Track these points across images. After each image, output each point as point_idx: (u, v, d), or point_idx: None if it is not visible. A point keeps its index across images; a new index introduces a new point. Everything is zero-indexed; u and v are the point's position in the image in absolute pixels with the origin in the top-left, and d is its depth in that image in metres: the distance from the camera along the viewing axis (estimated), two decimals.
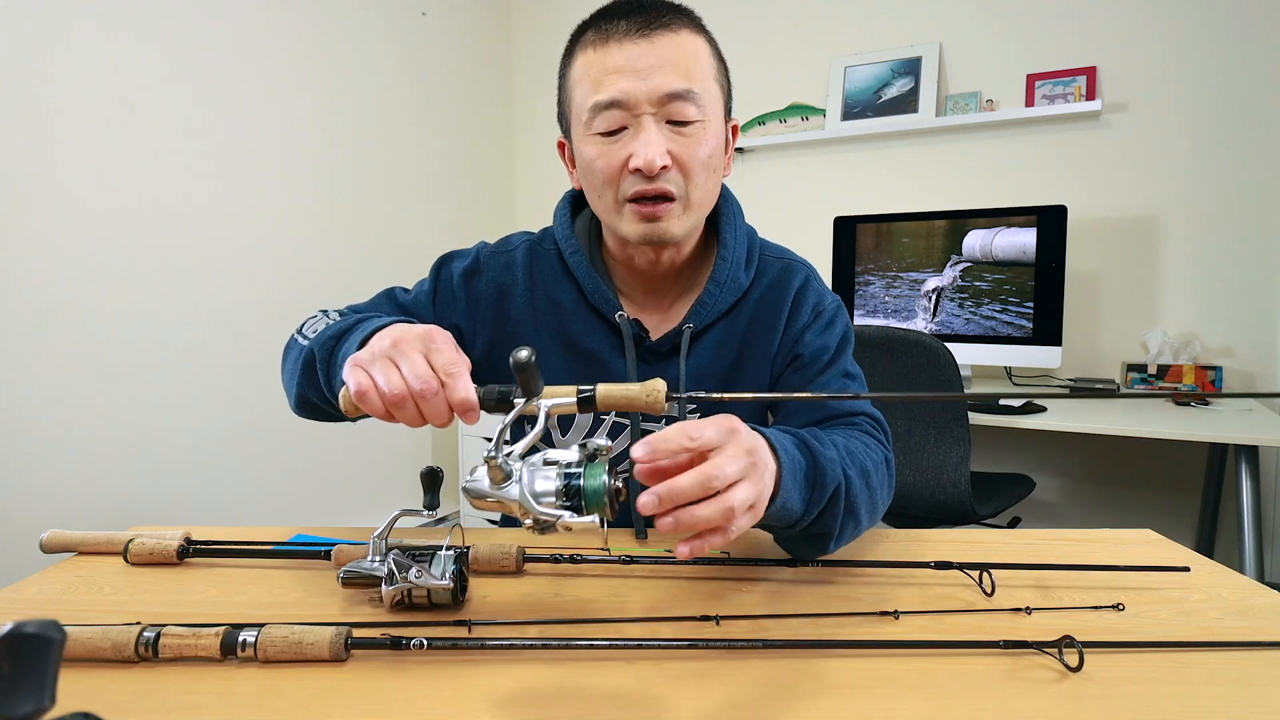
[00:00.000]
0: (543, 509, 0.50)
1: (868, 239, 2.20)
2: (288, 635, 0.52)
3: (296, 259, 2.15)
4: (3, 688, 0.26)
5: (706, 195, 0.74)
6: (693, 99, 0.69)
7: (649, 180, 0.69)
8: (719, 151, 0.73)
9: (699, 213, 0.74)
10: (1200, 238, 2.08)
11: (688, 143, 0.70)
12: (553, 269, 0.82)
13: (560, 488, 0.50)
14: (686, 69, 0.69)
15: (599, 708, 0.48)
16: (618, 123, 0.69)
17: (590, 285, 0.80)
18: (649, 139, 0.68)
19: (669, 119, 0.69)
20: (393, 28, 2.47)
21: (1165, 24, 2.08)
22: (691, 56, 0.70)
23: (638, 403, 0.54)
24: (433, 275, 0.85)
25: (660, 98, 0.68)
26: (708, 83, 0.71)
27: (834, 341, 0.82)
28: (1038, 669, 0.52)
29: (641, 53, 0.68)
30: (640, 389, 0.54)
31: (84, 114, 1.65)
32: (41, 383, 1.60)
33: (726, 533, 0.49)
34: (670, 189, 0.70)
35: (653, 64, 0.68)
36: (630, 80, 0.68)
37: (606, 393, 0.54)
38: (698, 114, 0.69)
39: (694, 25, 0.72)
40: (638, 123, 0.69)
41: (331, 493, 2.28)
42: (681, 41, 0.69)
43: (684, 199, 0.72)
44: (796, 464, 0.59)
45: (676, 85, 0.68)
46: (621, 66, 0.68)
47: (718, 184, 0.77)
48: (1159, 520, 2.14)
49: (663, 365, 0.81)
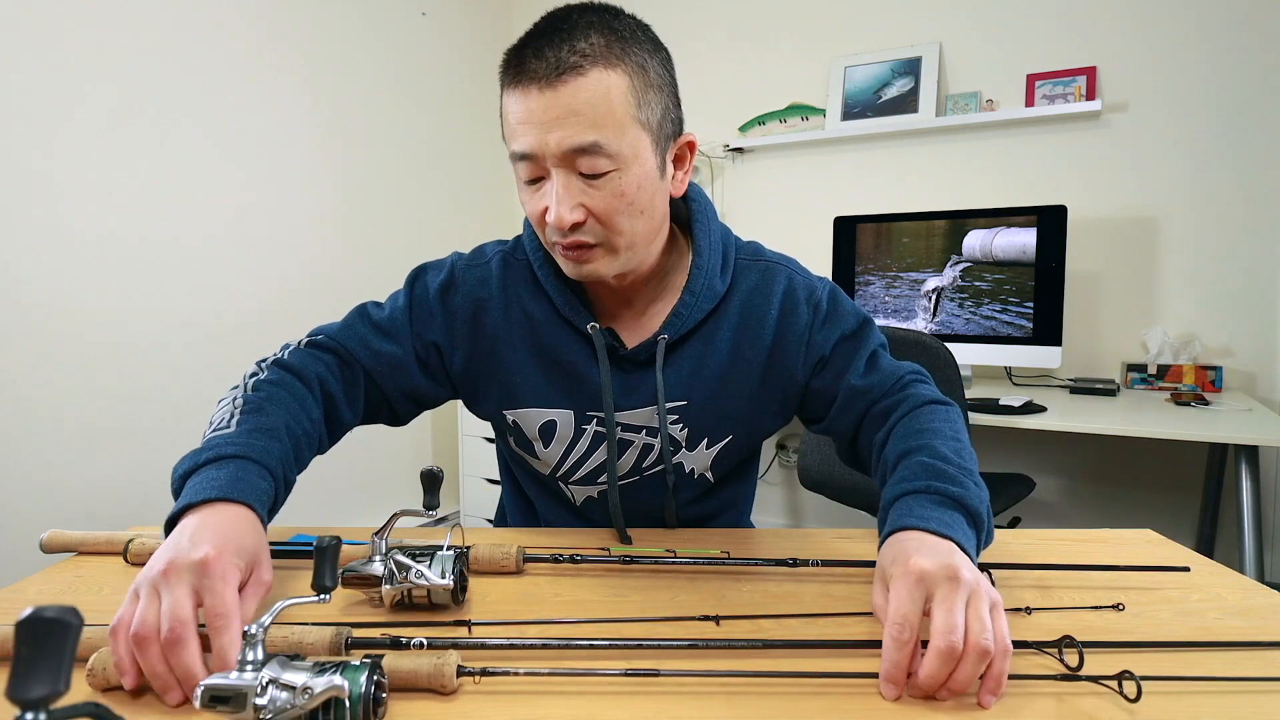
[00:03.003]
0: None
1: (868, 239, 2.20)
2: (288, 635, 0.52)
3: (296, 259, 2.15)
4: (20, 670, 0.26)
5: (638, 235, 0.71)
6: (600, 151, 0.65)
7: (564, 234, 0.68)
8: (646, 193, 0.69)
9: (630, 254, 0.72)
10: (1200, 237, 2.08)
11: (600, 195, 0.67)
12: (525, 281, 0.81)
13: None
14: (594, 118, 0.64)
15: (599, 707, 0.48)
16: (534, 173, 0.68)
17: (560, 298, 0.78)
18: (558, 196, 0.66)
19: (580, 171, 0.66)
20: (392, 28, 2.47)
21: (1165, 24, 2.08)
22: (600, 101, 0.64)
23: (420, 676, 0.49)
24: (407, 290, 0.83)
25: (564, 154, 0.65)
26: (622, 126, 0.65)
27: (850, 325, 0.81)
28: (1038, 669, 0.52)
29: (546, 104, 0.64)
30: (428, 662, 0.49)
31: (84, 113, 1.65)
32: (42, 383, 1.60)
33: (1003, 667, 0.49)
34: (586, 239, 0.69)
35: (556, 116, 0.64)
36: (536, 134, 0.65)
37: (393, 665, 0.48)
38: (609, 164, 0.66)
39: (608, 60, 0.65)
40: (549, 175, 0.67)
41: (331, 493, 2.28)
42: (589, 85, 0.64)
43: (606, 245, 0.70)
44: (970, 540, 0.60)
45: (580, 139, 0.64)
46: (528, 118, 0.65)
47: (653, 220, 0.72)
48: (1159, 520, 2.14)
49: (640, 374, 0.79)
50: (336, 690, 0.42)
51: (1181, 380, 2.01)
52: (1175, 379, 2.02)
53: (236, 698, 0.41)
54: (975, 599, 0.50)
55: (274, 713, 0.41)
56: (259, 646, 0.43)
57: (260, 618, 0.44)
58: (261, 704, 0.41)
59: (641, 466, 0.83)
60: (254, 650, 0.43)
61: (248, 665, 0.43)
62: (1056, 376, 2.18)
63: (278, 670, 0.42)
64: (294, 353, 0.77)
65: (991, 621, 0.49)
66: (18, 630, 0.26)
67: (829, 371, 0.80)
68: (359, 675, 0.43)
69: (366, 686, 0.43)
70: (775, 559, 0.70)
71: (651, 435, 0.81)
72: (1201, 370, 1.99)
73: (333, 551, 0.47)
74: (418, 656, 0.49)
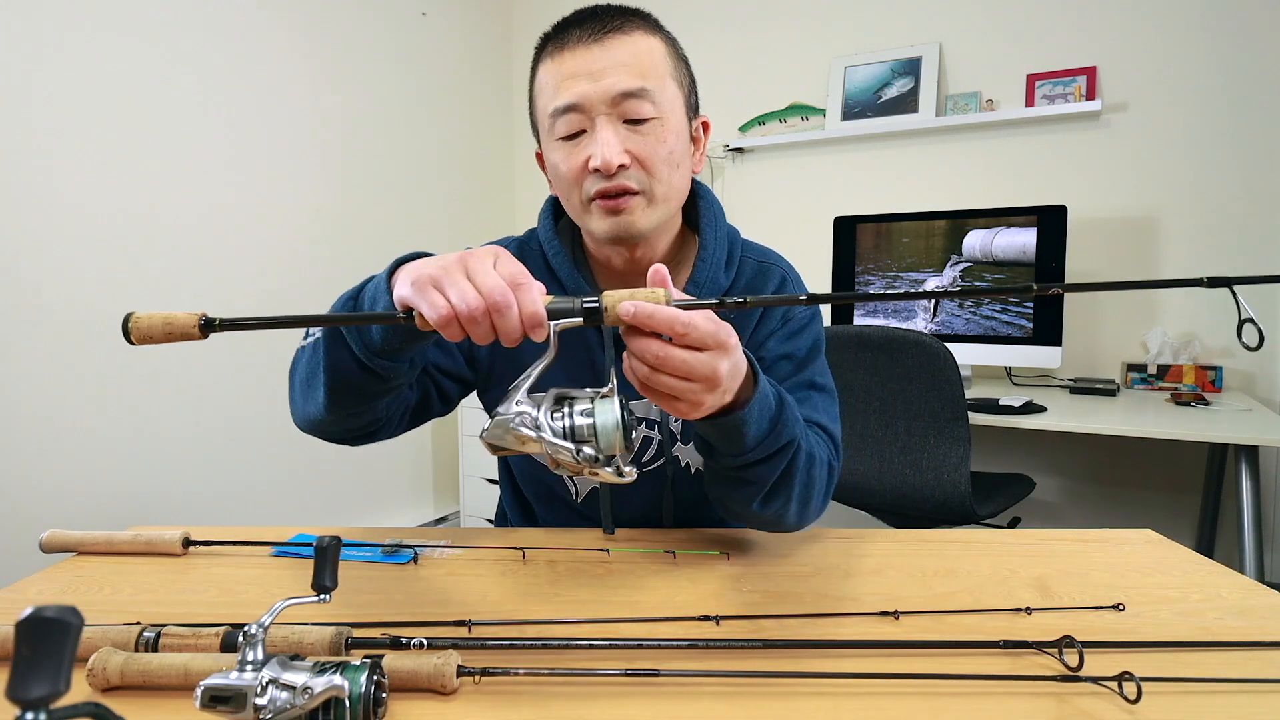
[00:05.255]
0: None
1: (868, 239, 2.20)
2: (288, 635, 0.52)
3: (297, 258, 2.15)
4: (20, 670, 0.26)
5: (672, 190, 0.74)
6: (647, 96, 0.69)
7: (609, 179, 0.70)
8: (681, 147, 0.74)
9: (665, 207, 0.75)
10: (1200, 238, 2.08)
11: (646, 140, 0.70)
12: (538, 270, 0.83)
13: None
14: (640, 69, 0.70)
15: (599, 707, 0.48)
16: (576, 126, 0.70)
17: (573, 285, 0.81)
18: (605, 139, 0.69)
19: (626, 118, 0.70)
20: (393, 28, 2.47)
21: (1165, 24, 2.07)
22: (645, 56, 0.70)
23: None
24: None
25: (614, 97, 0.69)
26: (663, 81, 0.71)
27: (802, 349, 0.81)
28: (1038, 669, 0.52)
29: (594, 56, 0.69)
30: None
31: (84, 114, 1.65)
32: (42, 383, 1.60)
33: (696, 402, 0.53)
34: (631, 184, 0.71)
35: (605, 66, 0.69)
36: (584, 83, 0.69)
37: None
38: (654, 111, 0.70)
39: (648, 26, 0.73)
40: (594, 124, 0.70)
41: (332, 493, 2.28)
42: (634, 42, 0.70)
43: (648, 193, 0.72)
44: (768, 399, 0.62)
45: (629, 84, 0.69)
46: (575, 72, 0.69)
47: (685, 179, 0.77)
48: (1159, 520, 2.14)
49: None
50: (336, 690, 0.42)
51: (1181, 380, 2.01)
52: (1175, 379, 2.02)
53: (236, 698, 0.41)
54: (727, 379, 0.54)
55: (274, 713, 0.41)
56: (259, 646, 0.43)
57: (260, 617, 0.44)
58: (261, 704, 0.41)
59: (641, 461, 0.83)
60: (254, 650, 0.43)
61: (247, 665, 0.43)
62: (1056, 376, 2.18)
63: (278, 670, 0.42)
64: None
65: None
66: (18, 630, 0.26)
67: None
68: (359, 675, 0.43)
69: (366, 686, 0.43)
70: (775, 559, 0.69)
71: (650, 428, 0.82)
72: (1201, 370, 1.99)
73: (333, 551, 0.47)
74: (418, 656, 0.49)
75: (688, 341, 0.52)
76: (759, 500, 0.67)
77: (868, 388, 1.67)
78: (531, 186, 3.08)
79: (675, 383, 0.53)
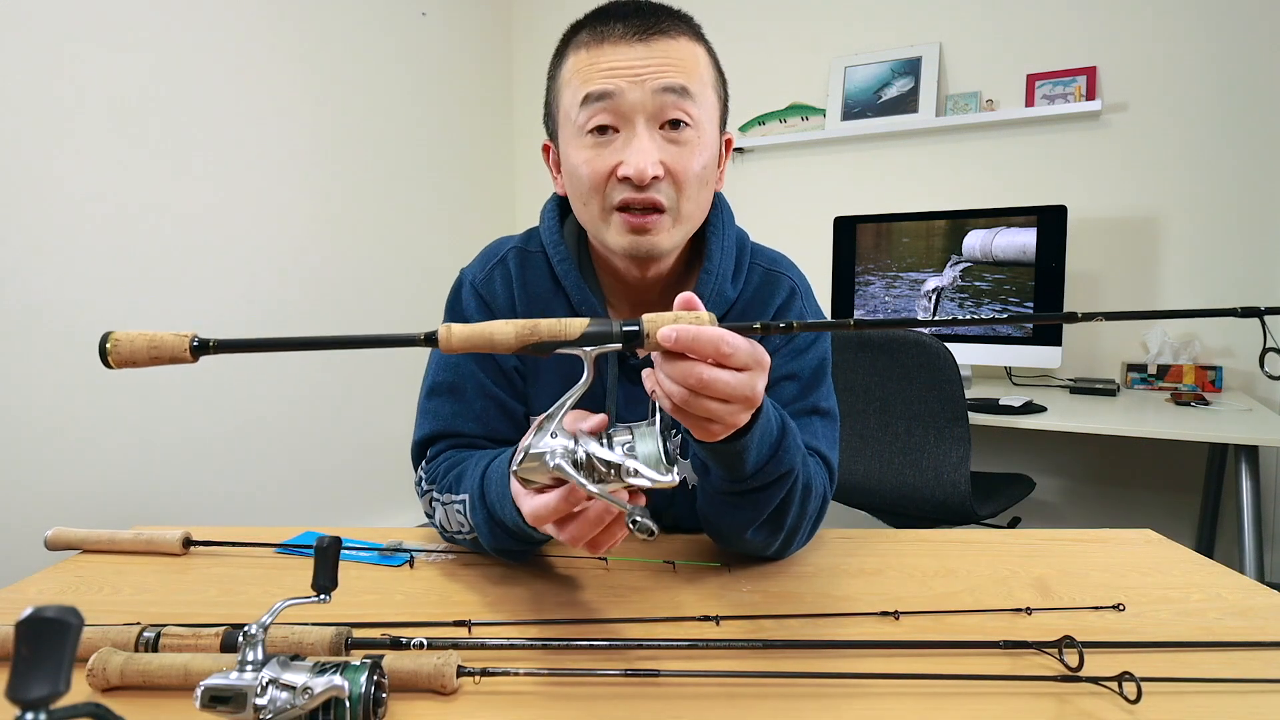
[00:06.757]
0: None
1: (868, 239, 2.20)
2: (288, 635, 0.52)
3: (297, 259, 2.15)
4: (20, 670, 0.26)
5: (698, 209, 0.71)
6: (690, 97, 0.66)
7: (638, 190, 0.65)
8: (713, 164, 0.70)
9: (688, 226, 0.71)
10: (1200, 237, 2.08)
11: (681, 153, 0.66)
12: (542, 278, 0.79)
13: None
14: (685, 70, 0.66)
15: (599, 707, 0.48)
16: (606, 121, 0.66)
17: (579, 297, 0.76)
18: (641, 145, 0.64)
19: (664, 119, 0.66)
20: (393, 28, 2.47)
21: (1165, 24, 2.07)
22: (690, 60, 0.67)
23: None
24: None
25: (657, 89, 0.64)
26: (705, 88, 0.68)
27: (807, 369, 0.76)
28: (1038, 669, 0.52)
29: (637, 55, 0.65)
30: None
31: (85, 116, 1.65)
32: (44, 382, 1.60)
33: (732, 424, 0.52)
34: (660, 200, 0.66)
35: (649, 64, 0.64)
36: (624, 79, 0.64)
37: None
38: (693, 116, 0.66)
39: (693, 33, 0.69)
40: (630, 127, 0.65)
41: (332, 493, 2.28)
42: (680, 47, 0.66)
43: (674, 212, 0.68)
44: (770, 425, 0.59)
45: (676, 80, 0.65)
46: (615, 66, 0.65)
47: (709, 198, 0.73)
48: (1159, 520, 2.14)
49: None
50: (336, 690, 0.42)
51: (1181, 380, 2.01)
52: (1175, 379, 2.02)
53: (236, 698, 0.41)
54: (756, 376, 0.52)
55: (274, 713, 0.41)
56: (259, 646, 0.43)
57: (260, 617, 0.44)
58: (261, 704, 0.41)
59: None
60: (254, 650, 0.43)
61: (247, 665, 0.43)
62: (1056, 376, 2.18)
63: (278, 670, 0.42)
64: (429, 468, 0.75)
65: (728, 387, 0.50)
66: (18, 630, 0.26)
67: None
68: (359, 675, 0.43)
69: (366, 686, 0.43)
70: (774, 560, 0.69)
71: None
72: (1201, 370, 1.99)
73: (333, 551, 0.46)
74: (418, 656, 0.49)
75: (731, 363, 0.49)
76: (749, 527, 0.65)
77: (868, 388, 1.68)
78: (532, 186, 3.07)
79: (716, 406, 0.50)
